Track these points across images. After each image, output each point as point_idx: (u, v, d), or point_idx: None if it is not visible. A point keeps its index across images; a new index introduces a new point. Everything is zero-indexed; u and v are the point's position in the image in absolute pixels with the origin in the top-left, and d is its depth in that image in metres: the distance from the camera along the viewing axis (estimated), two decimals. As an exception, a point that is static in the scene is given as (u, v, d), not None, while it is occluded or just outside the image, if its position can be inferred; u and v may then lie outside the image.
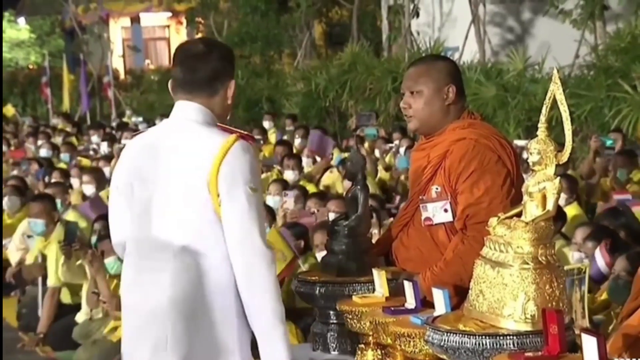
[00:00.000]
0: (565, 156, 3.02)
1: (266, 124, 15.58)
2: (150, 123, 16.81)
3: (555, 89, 3.02)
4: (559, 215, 6.36)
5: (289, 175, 10.09)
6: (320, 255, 5.74)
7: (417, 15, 17.93)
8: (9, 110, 25.52)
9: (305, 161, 11.06)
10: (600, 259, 5.08)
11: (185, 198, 3.38)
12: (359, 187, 3.75)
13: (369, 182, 9.41)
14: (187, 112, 3.47)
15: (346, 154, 12.02)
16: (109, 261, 6.81)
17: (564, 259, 5.87)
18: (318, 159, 11.37)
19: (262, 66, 21.02)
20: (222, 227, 3.34)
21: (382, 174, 11.02)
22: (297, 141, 12.87)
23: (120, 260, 3.66)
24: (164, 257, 3.38)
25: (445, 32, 18.15)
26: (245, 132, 3.48)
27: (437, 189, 3.76)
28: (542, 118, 3.04)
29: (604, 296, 5.14)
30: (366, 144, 12.56)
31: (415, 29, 18.13)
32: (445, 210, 3.75)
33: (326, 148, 11.52)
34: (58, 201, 8.48)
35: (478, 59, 15.32)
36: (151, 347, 3.39)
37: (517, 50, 14.90)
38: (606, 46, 13.12)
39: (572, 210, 7.52)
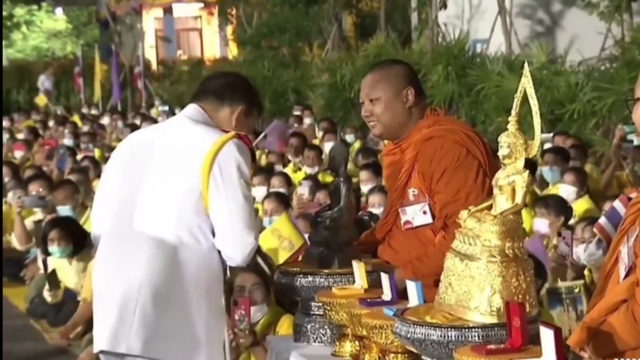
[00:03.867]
0: (534, 150, 3.02)
1: (307, 120, 15.63)
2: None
3: (526, 83, 3.02)
4: (564, 209, 6.33)
5: (308, 169, 10.12)
6: None
7: (445, 6, 17.83)
8: (42, 99, 25.79)
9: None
10: (621, 206, 5.05)
11: (173, 191, 3.43)
12: (341, 179, 3.76)
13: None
14: (189, 111, 3.59)
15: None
16: None
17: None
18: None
19: (290, 57, 21.03)
20: (208, 221, 3.39)
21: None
22: (320, 134, 12.88)
23: None
24: (142, 241, 3.42)
25: (475, 24, 18.04)
26: (243, 134, 3.54)
27: (414, 192, 3.78)
28: (513, 112, 3.04)
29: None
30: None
31: (444, 21, 18.02)
32: (425, 212, 3.76)
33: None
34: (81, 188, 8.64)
35: (502, 51, 15.21)
36: (115, 320, 3.39)
37: (547, 42, 14.75)
38: (630, 39, 12.98)
39: (583, 204, 7.43)
